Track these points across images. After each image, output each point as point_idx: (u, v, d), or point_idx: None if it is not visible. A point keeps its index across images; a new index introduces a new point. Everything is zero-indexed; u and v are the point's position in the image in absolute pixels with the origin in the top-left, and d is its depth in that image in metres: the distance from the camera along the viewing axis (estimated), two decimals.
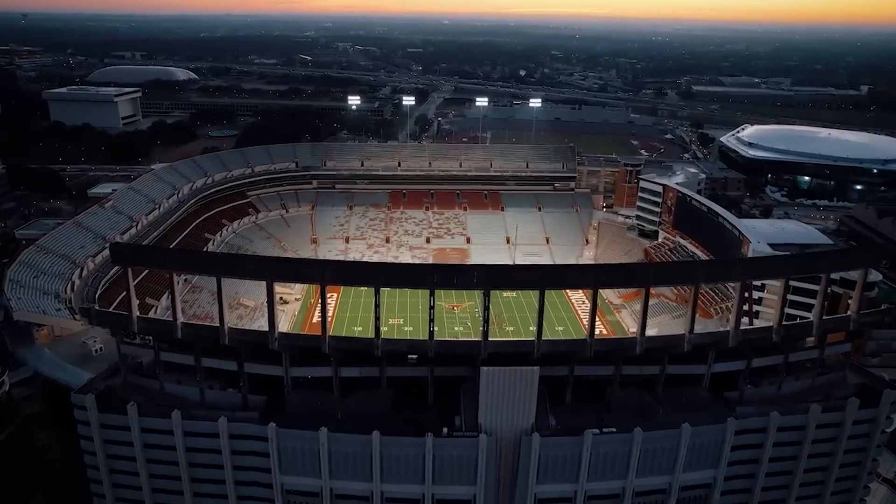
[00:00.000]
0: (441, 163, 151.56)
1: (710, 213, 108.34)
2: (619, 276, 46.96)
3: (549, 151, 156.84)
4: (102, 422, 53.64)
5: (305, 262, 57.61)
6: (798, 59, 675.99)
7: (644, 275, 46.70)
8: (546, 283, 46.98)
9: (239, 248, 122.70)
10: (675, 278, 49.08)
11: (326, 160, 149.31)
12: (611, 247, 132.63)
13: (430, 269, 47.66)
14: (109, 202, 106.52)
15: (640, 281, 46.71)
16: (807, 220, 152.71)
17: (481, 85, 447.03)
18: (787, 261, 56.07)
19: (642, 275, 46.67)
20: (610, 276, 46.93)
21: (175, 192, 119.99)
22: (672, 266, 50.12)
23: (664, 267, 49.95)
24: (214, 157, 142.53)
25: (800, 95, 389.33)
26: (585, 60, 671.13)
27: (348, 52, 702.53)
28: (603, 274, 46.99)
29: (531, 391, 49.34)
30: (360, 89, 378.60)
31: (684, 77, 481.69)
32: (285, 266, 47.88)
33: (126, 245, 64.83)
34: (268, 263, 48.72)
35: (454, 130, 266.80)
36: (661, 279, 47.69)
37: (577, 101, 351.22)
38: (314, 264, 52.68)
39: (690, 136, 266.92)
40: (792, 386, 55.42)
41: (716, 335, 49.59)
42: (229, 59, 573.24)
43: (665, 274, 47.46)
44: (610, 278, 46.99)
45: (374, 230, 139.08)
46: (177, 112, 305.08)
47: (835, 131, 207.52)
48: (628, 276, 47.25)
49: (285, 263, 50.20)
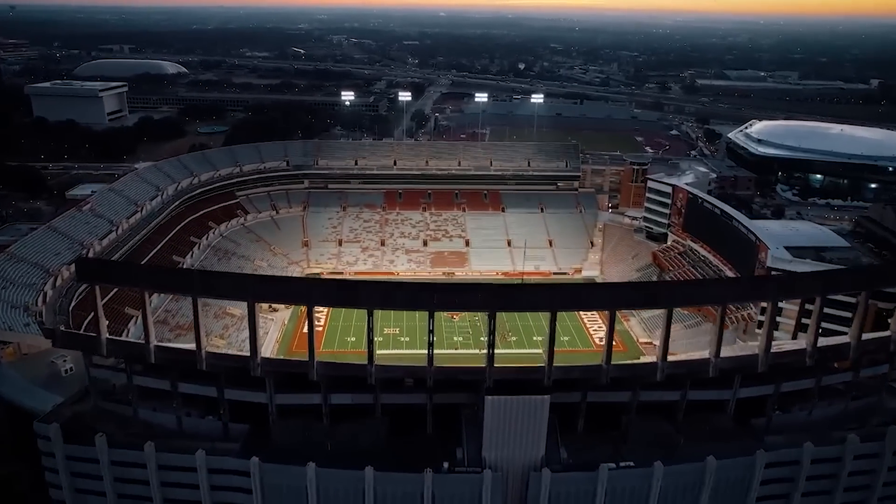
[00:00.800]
0: (439, 161, 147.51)
1: (724, 215, 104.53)
2: (638, 296, 43.07)
3: (551, 149, 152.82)
4: (68, 453, 49.75)
5: (290, 282, 53.54)
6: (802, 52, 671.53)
7: (667, 295, 42.82)
8: (558, 304, 43.06)
9: (226, 251, 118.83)
10: (701, 298, 45.18)
11: (318, 158, 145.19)
12: (617, 250, 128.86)
13: (430, 290, 43.71)
14: (88, 205, 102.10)
15: (663, 302, 42.87)
16: (820, 220, 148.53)
17: (479, 79, 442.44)
18: (825, 277, 52.02)
19: (665, 295, 42.80)
20: (629, 297, 43.04)
21: (159, 193, 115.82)
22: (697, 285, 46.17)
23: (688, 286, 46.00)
24: (201, 156, 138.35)
25: (807, 89, 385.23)
26: (586, 53, 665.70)
27: (342, 45, 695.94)
28: (621, 294, 43.11)
29: (541, 422, 45.49)
30: (354, 83, 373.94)
31: (688, 71, 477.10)
32: (268, 286, 43.92)
33: (93, 261, 60.13)
34: (249, 282, 44.70)
35: (452, 126, 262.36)
36: (685, 299, 43.83)
37: (579, 96, 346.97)
38: (300, 284, 48.64)
39: (696, 132, 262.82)
40: (824, 412, 51.65)
41: (744, 359, 45.73)
42: (220, 52, 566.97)
43: (690, 294, 43.57)
44: (629, 299, 43.12)
45: (369, 232, 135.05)
46: (165, 107, 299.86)
47: (847, 127, 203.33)
48: (649, 297, 43.35)
49: (268, 283, 46.14)
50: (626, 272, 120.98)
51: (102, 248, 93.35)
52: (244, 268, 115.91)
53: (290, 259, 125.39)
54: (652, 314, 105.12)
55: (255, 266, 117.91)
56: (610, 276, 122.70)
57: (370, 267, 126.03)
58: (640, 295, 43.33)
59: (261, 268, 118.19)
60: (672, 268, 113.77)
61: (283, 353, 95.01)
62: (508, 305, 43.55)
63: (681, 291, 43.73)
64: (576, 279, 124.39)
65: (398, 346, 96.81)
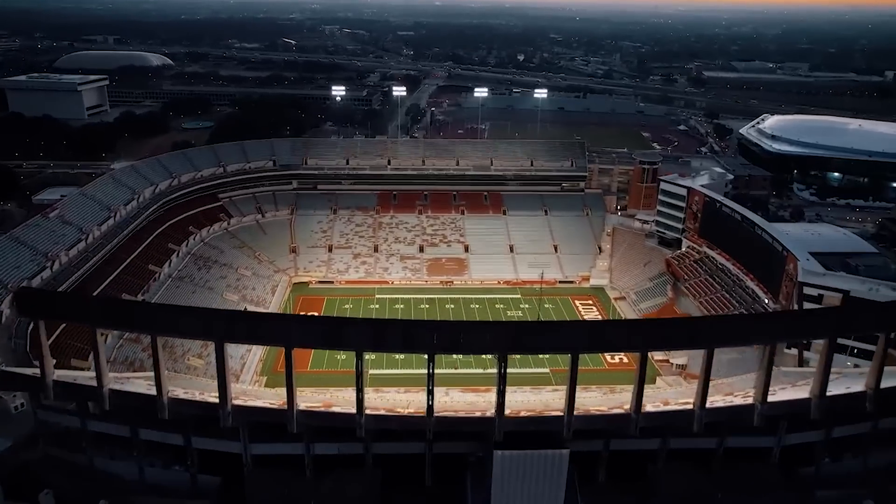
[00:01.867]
0: (436, 160, 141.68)
1: (746, 221, 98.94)
2: (675, 334, 37.45)
3: (555, 147, 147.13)
4: None
5: (266, 320, 47.81)
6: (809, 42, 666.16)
7: (708, 333, 37.25)
8: (581, 344, 37.50)
9: (207, 259, 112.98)
10: (746, 337, 39.64)
11: (307, 158, 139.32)
12: (627, 256, 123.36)
13: (430, 328, 38.12)
14: (55, 211, 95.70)
15: (704, 341, 37.36)
16: (841, 222, 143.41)
17: (477, 71, 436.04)
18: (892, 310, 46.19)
19: (707, 334, 37.24)
20: (664, 335, 37.43)
21: (135, 197, 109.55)
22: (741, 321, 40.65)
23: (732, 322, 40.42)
24: (181, 156, 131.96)
25: (819, 82, 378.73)
26: (587, 44, 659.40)
27: (335, 36, 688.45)
28: (655, 332, 37.51)
29: (558, 479, 39.98)
30: (346, 76, 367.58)
31: (694, 62, 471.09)
32: (240, 324, 38.29)
33: (34, 293, 53.98)
34: (217, 320, 38.96)
35: (449, 121, 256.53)
36: (730, 337, 38.27)
37: (582, 89, 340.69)
38: (276, 322, 42.86)
39: (706, 128, 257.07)
40: (880, 459, 46.18)
41: (794, 405, 40.24)
42: (208, 44, 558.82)
43: (734, 331, 38.03)
44: (664, 337, 37.51)
45: (361, 237, 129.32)
46: (148, 101, 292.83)
47: (866, 122, 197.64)
48: (688, 336, 37.73)
49: (239, 321, 40.42)
50: (638, 281, 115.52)
51: (69, 259, 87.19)
52: (227, 277, 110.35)
53: (276, 267, 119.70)
54: None
55: (238, 275, 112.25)
56: (620, 284, 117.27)
57: (362, 275, 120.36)
58: (678, 333, 37.69)
59: (245, 277, 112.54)
60: (688, 277, 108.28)
61: (268, 372, 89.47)
62: (522, 346, 37.91)
63: (724, 329, 38.16)
64: (583, 288, 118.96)
65: (392, 364, 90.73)
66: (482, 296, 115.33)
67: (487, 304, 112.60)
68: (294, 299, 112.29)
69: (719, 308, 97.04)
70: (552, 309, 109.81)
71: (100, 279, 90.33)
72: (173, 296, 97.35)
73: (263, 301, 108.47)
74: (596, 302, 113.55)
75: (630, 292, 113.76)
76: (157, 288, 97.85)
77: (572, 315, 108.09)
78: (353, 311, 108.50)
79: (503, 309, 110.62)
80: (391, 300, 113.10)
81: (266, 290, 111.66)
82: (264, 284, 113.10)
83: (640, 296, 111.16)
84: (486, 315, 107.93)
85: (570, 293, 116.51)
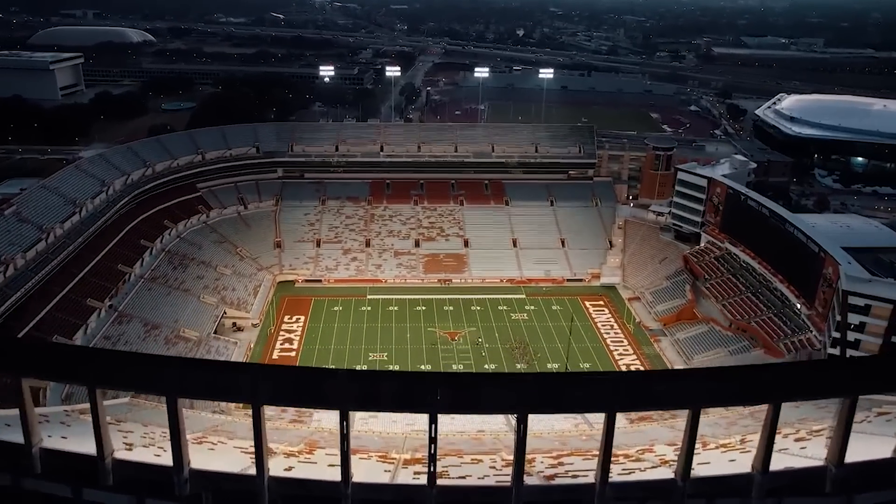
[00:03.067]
0: (432, 146, 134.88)
1: (774, 216, 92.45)
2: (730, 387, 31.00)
3: (562, 131, 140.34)
4: None
5: (228, 370, 41.08)
6: (819, 16, 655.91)
7: (771, 386, 30.89)
8: (617, 402, 31.08)
9: (184, 256, 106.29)
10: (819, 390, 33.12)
11: (294, 143, 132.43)
12: (641, 251, 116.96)
13: (430, 382, 31.67)
14: (11, 207, 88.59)
15: (764, 395, 31.02)
16: (868, 211, 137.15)
17: (475, 47, 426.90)
18: None
19: (767, 386, 30.88)
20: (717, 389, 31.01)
21: (104, 189, 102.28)
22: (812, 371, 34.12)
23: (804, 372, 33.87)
24: (155, 142, 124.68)
25: (835, 58, 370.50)
26: (588, 18, 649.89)
27: (325, 10, 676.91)
28: (706, 386, 31.11)
29: None
30: (337, 52, 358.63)
31: (703, 37, 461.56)
32: (196, 374, 31.75)
33: None
34: (168, 370, 32.39)
35: (446, 102, 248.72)
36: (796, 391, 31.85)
37: (586, 67, 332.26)
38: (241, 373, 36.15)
39: (719, 108, 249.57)
40: None
41: (876, 466, 33.91)
42: (193, 18, 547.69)
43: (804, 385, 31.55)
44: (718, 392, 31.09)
45: (352, 231, 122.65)
46: (127, 80, 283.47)
47: (891, 103, 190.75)
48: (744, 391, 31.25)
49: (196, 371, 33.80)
50: (653, 280, 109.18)
51: (26, 262, 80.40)
52: (205, 277, 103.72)
53: (259, 264, 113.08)
54: (691, 333, 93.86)
55: (217, 273, 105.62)
56: (634, 283, 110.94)
57: (353, 273, 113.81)
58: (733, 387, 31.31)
59: (224, 276, 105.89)
60: (708, 276, 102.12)
61: None
62: (545, 404, 31.43)
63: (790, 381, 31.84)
64: (593, 287, 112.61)
65: None
66: (483, 296, 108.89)
67: (489, 304, 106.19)
68: (278, 301, 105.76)
69: (746, 312, 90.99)
70: (560, 311, 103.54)
71: (61, 284, 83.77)
72: (144, 301, 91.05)
73: (245, 303, 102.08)
74: (608, 303, 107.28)
75: (645, 292, 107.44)
76: (126, 291, 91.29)
77: (581, 318, 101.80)
78: (343, 313, 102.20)
79: (506, 311, 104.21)
80: (384, 301, 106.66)
81: (248, 292, 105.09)
82: (246, 284, 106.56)
83: (657, 296, 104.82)
84: (488, 318, 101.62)
85: (578, 293, 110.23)
